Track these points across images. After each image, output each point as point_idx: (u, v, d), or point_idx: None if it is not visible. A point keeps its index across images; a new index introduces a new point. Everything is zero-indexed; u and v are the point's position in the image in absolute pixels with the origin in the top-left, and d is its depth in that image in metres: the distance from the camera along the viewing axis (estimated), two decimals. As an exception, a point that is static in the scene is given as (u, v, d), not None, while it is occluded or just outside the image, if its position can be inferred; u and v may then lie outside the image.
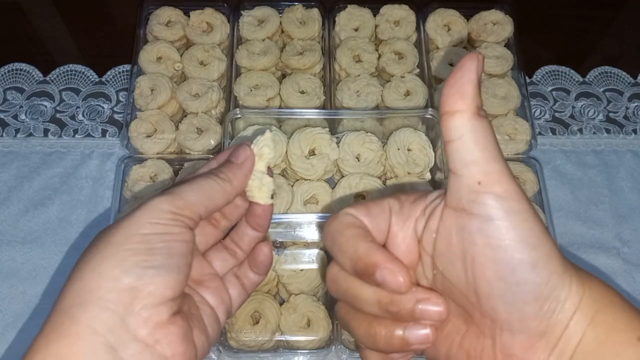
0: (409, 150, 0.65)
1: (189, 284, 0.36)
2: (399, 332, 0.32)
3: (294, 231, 0.63)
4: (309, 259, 0.65)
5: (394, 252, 0.33)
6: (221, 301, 0.38)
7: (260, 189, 0.38)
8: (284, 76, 0.77)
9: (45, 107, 0.80)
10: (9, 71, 0.82)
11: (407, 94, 0.74)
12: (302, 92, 0.73)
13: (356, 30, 0.79)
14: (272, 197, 0.39)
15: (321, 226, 0.63)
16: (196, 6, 0.79)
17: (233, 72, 0.75)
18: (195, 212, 0.34)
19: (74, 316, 0.30)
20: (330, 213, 0.61)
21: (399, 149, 0.64)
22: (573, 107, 0.83)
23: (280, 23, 0.79)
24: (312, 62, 0.75)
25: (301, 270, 0.64)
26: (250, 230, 0.40)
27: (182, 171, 0.70)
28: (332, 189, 0.64)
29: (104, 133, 0.78)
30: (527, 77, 0.82)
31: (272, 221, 0.58)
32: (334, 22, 0.79)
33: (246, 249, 0.41)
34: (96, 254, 0.31)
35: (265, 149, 0.38)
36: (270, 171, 0.39)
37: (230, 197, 0.36)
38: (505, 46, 0.79)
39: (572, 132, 0.81)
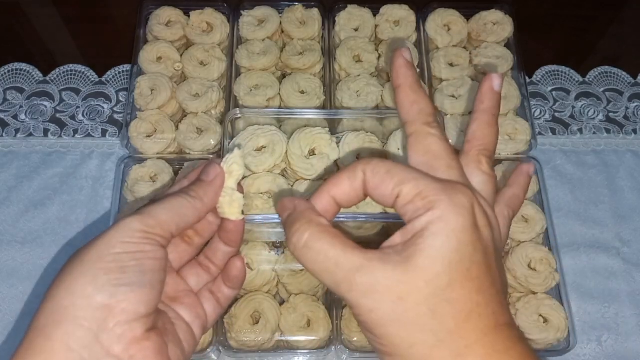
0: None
1: (164, 300, 0.38)
2: None
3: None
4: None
5: None
6: (196, 316, 0.39)
7: (230, 205, 0.39)
8: (284, 76, 0.77)
9: (45, 107, 0.80)
10: (9, 71, 0.82)
11: (407, 94, 0.73)
12: (302, 92, 0.73)
13: (356, 30, 0.79)
14: (242, 213, 0.39)
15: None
16: (196, 6, 0.79)
17: (233, 72, 0.75)
18: (166, 230, 0.35)
19: (48, 334, 0.31)
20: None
21: (399, 149, 0.64)
22: (573, 107, 0.83)
23: (280, 23, 0.79)
24: (312, 62, 0.75)
25: (301, 270, 0.64)
26: (223, 246, 0.41)
27: (182, 171, 0.70)
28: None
29: (104, 133, 0.79)
30: (527, 77, 0.82)
31: (272, 221, 0.59)
32: (334, 22, 0.79)
33: (220, 265, 0.42)
34: (70, 273, 0.32)
35: (235, 166, 0.39)
36: (240, 187, 0.40)
37: (201, 214, 0.37)
38: (505, 46, 0.79)
39: (572, 132, 0.81)
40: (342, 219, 0.60)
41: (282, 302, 0.64)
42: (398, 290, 0.30)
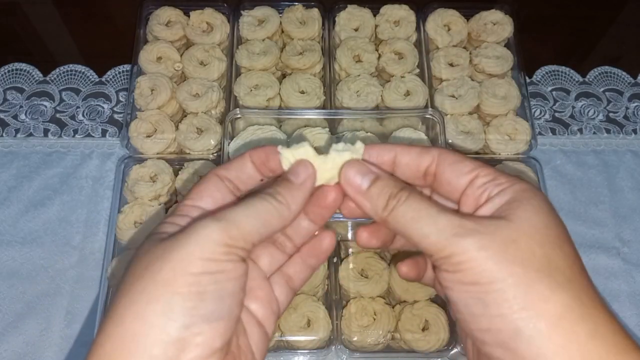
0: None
1: None
2: None
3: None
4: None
5: None
6: (271, 312, 0.35)
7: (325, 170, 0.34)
8: (284, 76, 0.77)
9: (45, 107, 0.80)
10: (9, 71, 0.82)
11: (407, 94, 0.74)
12: (302, 92, 0.73)
13: (356, 30, 0.79)
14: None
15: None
16: (196, 6, 0.79)
17: (233, 72, 0.75)
18: (249, 241, 0.30)
19: None
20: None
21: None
22: (573, 107, 0.83)
23: (280, 23, 0.79)
24: (312, 62, 0.75)
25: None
26: (307, 223, 0.36)
27: (182, 172, 0.69)
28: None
29: (104, 133, 0.78)
30: (527, 77, 0.82)
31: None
32: (334, 22, 0.79)
33: (298, 243, 0.37)
34: (141, 295, 0.28)
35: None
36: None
37: (286, 222, 0.32)
38: (505, 46, 0.79)
39: (572, 132, 0.81)
40: (341, 219, 0.60)
41: (282, 302, 0.64)
42: (508, 234, 0.29)
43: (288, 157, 0.34)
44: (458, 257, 0.29)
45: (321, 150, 0.34)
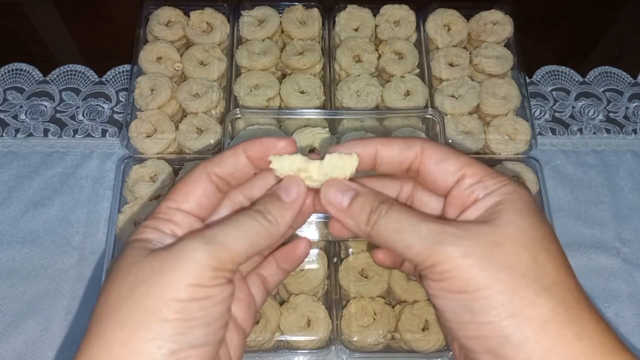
0: (409, 150, 0.65)
1: None
2: None
3: (294, 231, 0.63)
4: (309, 259, 0.65)
5: None
6: (250, 314, 0.35)
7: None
8: (284, 76, 0.77)
9: (45, 107, 0.80)
10: (9, 71, 0.82)
11: (407, 94, 0.74)
12: (302, 92, 0.73)
13: (356, 30, 0.79)
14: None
15: (321, 225, 0.63)
16: (196, 6, 0.79)
17: (233, 72, 0.75)
18: (237, 263, 0.30)
19: None
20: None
21: (399, 149, 0.64)
22: (573, 107, 0.83)
23: (280, 23, 0.79)
24: (312, 62, 0.75)
25: (301, 270, 0.64)
26: None
27: (182, 172, 0.70)
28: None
29: (104, 133, 0.78)
30: (527, 77, 0.82)
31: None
32: (334, 22, 0.79)
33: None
34: (128, 319, 0.28)
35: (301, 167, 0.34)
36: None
37: (274, 241, 0.32)
38: (505, 46, 0.79)
39: (572, 132, 0.81)
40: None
41: (282, 302, 0.64)
42: (492, 239, 0.29)
43: (280, 167, 0.33)
44: (442, 266, 0.29)
45: (319, 152, 0.34)
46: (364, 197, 0.33)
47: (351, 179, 0.34)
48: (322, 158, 0.34)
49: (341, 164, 0.33)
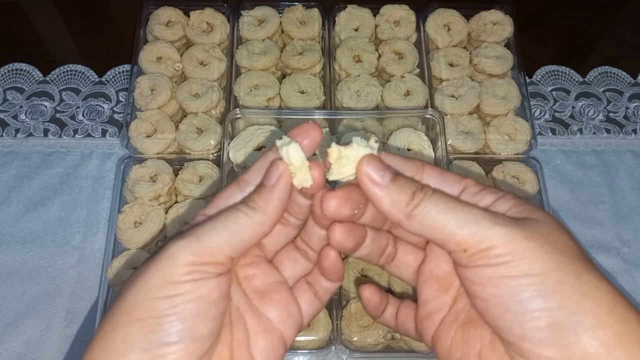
0: (408, 150, 0.65)
1: (251, 297, 0.33)
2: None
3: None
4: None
5: None
6: (288, 315, 0.33)
7: (299, 172, 0.32)
8: (284, 76, 0.77)
9: (45, 107, 0.80)
10: (9, 71, 0.82)
11: (407, 94, 0.74)
12: (302, 92, 0.73)
13: (356, 30, 0.79)
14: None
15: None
16: (196, 6, 0.79)
17: (233, 72, 0.75)
18: (219, 255, 0.29)
19: None
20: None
21: (399, 149, 0.64)
22: (573, 107, 0.83)
23: (280, 23, 0.79)
24: (312, 62, 0.75)
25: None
26: (318, 229, 0.34)
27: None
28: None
29: (104, 133, 0.78)
30: (527, 77, 0.82)
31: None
32: (334, 22, 0.79)
33: (317, 249, 0.35)
34: (107, 325, 0.29)
35: (296, 155, 0.32)
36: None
37: (265, 228, 0.31)
38: (505, 46, 0.79)
39: (572, 132, 0.81)
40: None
41: (282, 302, 0.64)
42: (540, 228, 0.28)
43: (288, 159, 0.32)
44: (502, 249, 0.27)
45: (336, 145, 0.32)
46: (405, 178, 0.31)
47: None
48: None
49: (362, 150, 0.32)
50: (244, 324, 0.32)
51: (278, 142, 0.32)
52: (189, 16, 0.79)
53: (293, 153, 0.31)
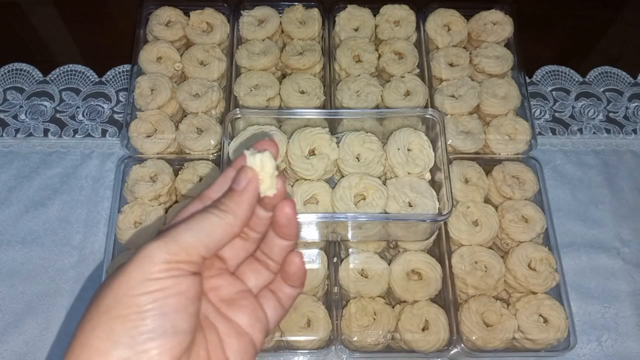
0: (408, 150, 0.65)
1: (218, 306, 0.35)
2: None
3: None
4: (309, 259, 0.65)
5: None
6: (256, 319, 0.35)
7: (263, 182, 0.34)
8: (284, 76, 0.77)
9: (45, 107, 0.80)
10: (9, 71, 0.82)
11: (407, 94, 0.74)
12: (302, 92, 0.73)
13: (356, 30, 0.79)
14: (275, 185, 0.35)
15: (322, 225, 0.63)
16: (196, 6, 0.79)
17: (233, 72, 0.75)
18: (194, 254, 0.31)
19: None
20: (330, 213, 0.61)
21: (399, 149, 0.64)
22: (573, 107, 0.83)
23: (280, 23, 0.79)
24: (312, 62, 0.75)
25: (301, 270, 0.64)
26: (279, 240, 0.37)
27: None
28: (332, 189, 0.64)
29: (104, 133, 0.78)
30: (527, 77, 0.82)
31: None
32: (334, 22, 0.79)
33: (278, 260, 0.37)
34: (87, 324, 0.29)
35: (267, 163, 0.34)
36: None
37: (235, 229, 0.33)
38: (505, 46, 0.79)
39: (572, 132, 0.81)
40: (341, 219, 0.60)
41: (282, 302, 0.64)
42: None
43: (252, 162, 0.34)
44: None
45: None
46: None
47: None
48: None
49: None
50: (215, 330, 0.34)
51: (246, 152, 0.34)
52: (189, 16, 0.79)
53: (266, 160, 0.34)
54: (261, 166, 0.34)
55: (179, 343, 0.29)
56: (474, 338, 0.61)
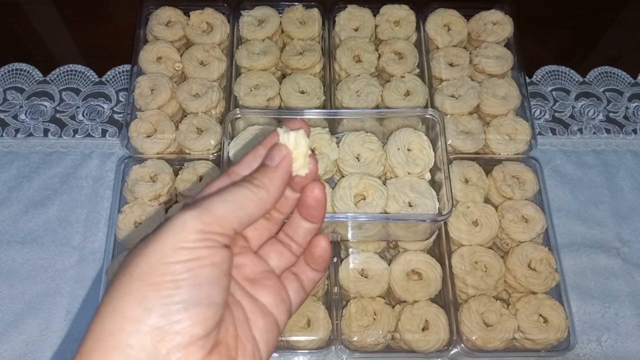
0: (408, 150, 0.65)
1: (243, 284, 0.35)
2: None
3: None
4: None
5: None
6: (281, 300, 0.35)
7: (296, 160, 0.34)
8: (284, 76, 0.77)
9: (45, 107, 0.80)
10: (9, 71, 0.82)
11: (407, 94, 0.74)
12: (302, 92, 0.73)
13: (356, 30, 0.79)
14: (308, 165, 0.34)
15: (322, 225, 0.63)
16: (196, 6, 0.79)
17: (233, 72, 0.75)
18: (227, 226, 0.30)
19: None
20: (330, 213, 0.61)
21: (399, 149, 0.64)
22: (573, 107, 0.83)
23: (280, 23, 0.79)
24: (312, 62, 0.75)
25: (301, 270, 0.64)
26: (304, 222, 0.36)
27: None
28: (332, 189, 0.64)
29: (104, 133, 0.78)
30: (527, 77, 0.82)
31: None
32: (334, 22, 0.79)
33: (302, 243, 0.37)
34: (117, 291, 0.28)
35: (302, 141, 0.34)
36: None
37: (267, 205, 0.33)
38: (505, 46, 0.79)
39: (572, 132, 0.81)
40: (341, 219, 0.60)
41: (282, 302, 0.64)
42: None
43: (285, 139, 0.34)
44: None
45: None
46: None
47: None
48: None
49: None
50: (241, 307, 0.33)
51: (280, 130, 0.34)
52: (189, 16, 0.79)
53: (300, 138, 0.33)
54: (295, 144, 0.34)
55: (212, 315, 0.29)
56: (474, 338, 0.62)
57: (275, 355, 0.62)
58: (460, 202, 0.68)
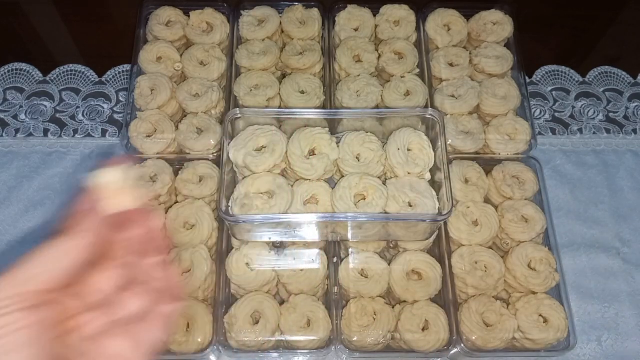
0: (408, 150, 0.65)
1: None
2: None
3: (294, 231, 0.63)
4: (309, 259, 0.65)
5: None
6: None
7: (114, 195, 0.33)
8: (284, 76, 0.77)
9: (45, 107, 0.80)
10: (9, 71, 0.82)
11: (407, 94, 0.74)
12: (302, 92, 0.73)
13: (356, 30, 0.79)
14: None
15: (322, 225, 0.63)
16: (196, 6, 0.79)
17: (233, 72, 0.75)
18: (40, 282, 0.29)
19: None
20: (330, 213, 0.61)
21: (399, 149, 0.64)
22: (573, 107, 0.83)
23: (280, 23, 0.79)
24: (312, 62, 0.75)
25: (301, 270, 0.64)
26: (148, 258, 0.35)
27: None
28: (332, 189, 0.64)
29: (104, 133, 0.79)
30: (527, 77, 0.82)
31: (272, 221, 0.59)
32: (334, 22, 0.79)
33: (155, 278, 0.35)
34: None
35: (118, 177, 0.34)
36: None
37: (87, 250, 0.31)
38: (505, 46, 0.79)
39: (572, 132, 0.81)
40: (341, 219, 0.60)
41: (282, 302, 0.64)
42: None
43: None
44: None
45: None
46: None
47: None
48: None
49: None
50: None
51: (92, 173, 0.33)
52: (189, 16, 0.79)
53: (115, 176, 0.33)
54: (110, 183, 0.33)
55: None
56: (474, 338, 0.62)
57: (275, 355, 0.62)
58: (460, 202, 0.68)
